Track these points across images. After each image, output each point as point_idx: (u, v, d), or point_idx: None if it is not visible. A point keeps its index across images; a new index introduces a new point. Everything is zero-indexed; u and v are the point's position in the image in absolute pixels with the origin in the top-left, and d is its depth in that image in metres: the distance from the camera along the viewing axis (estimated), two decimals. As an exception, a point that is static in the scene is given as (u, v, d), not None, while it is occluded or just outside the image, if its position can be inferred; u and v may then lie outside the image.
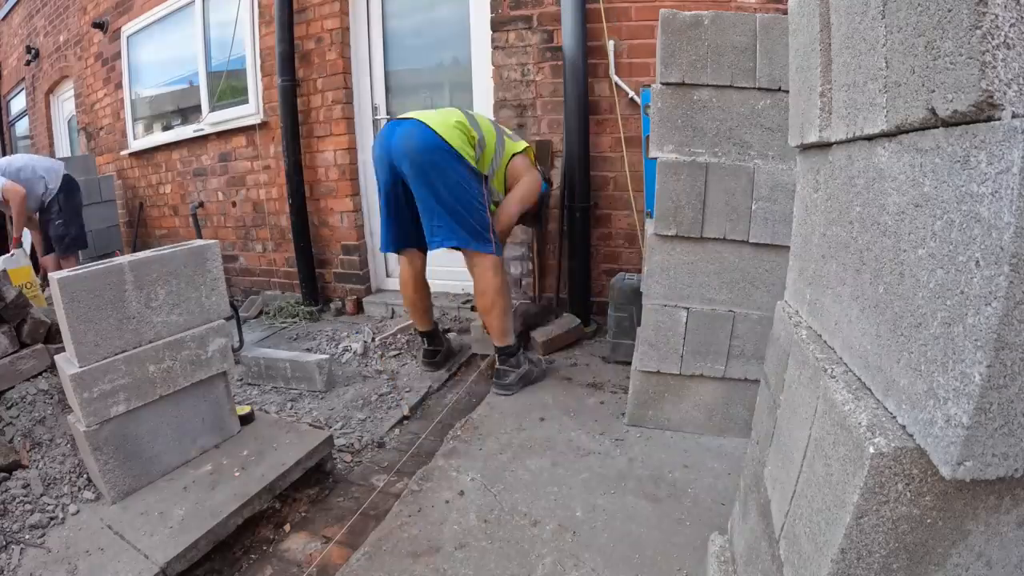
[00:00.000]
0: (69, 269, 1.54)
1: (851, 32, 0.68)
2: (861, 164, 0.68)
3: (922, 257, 0.53)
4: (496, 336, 2.43)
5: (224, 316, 1.84)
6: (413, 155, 2.25)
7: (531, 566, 1.44)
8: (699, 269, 1.90)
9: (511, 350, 2.43)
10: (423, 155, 2.24)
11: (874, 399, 0.63)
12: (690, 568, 1.40)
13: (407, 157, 2.26)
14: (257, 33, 3.80)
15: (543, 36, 3.05)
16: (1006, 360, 0.44)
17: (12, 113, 7.70)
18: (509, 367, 2.43)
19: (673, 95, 1.82)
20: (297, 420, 2.31)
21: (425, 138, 2.24)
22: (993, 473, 0.48)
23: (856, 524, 0.57)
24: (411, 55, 3.63)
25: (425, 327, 2.71)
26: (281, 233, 4.07)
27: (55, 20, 5.71)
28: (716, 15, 1.76)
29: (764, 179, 1.77)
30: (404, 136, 2.28)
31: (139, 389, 1.61)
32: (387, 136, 2.35)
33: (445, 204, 2.26)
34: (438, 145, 2.23)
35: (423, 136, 2.25)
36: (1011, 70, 0.42)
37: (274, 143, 3.88)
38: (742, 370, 1.93)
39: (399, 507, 1.70)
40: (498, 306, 2.37)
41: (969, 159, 0.46)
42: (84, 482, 1.64)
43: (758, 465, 1.03)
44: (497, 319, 2.39)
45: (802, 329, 0.88)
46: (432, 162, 2.24)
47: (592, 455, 1.92)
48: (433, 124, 2.26)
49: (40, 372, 1.81)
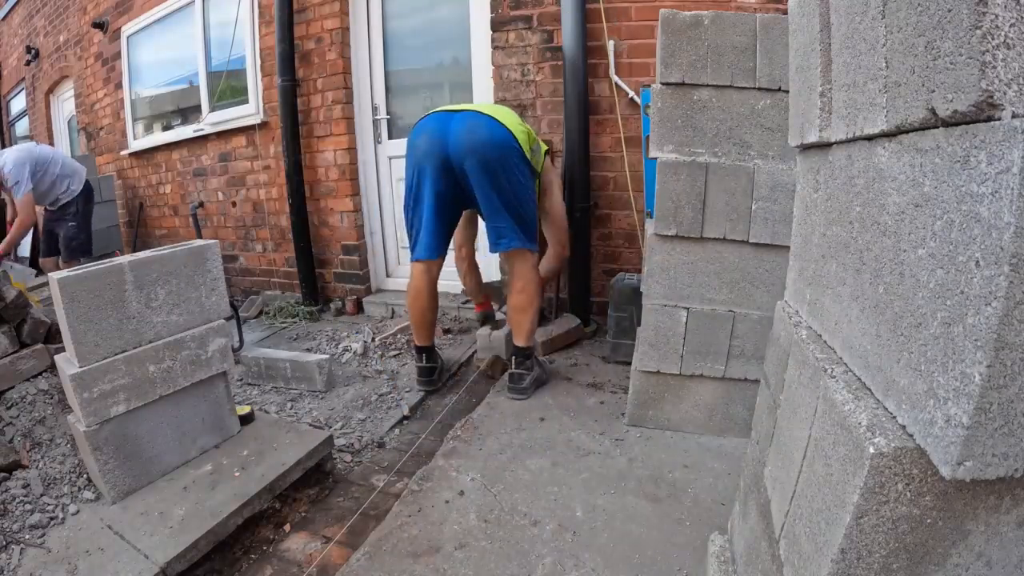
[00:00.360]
0: (69, 269, 1.54)
1: (851, 32, 0.68)
2: (861, 164, 0.68)
3: (922, 257, 0.53)
4: (523, 337, 2.35)
5: (224, 316, 1.84)
6: (483, 151, 2.10)
7: (531, 566, 1.44)
8: (699, 269, 1.90)
9: (529, 352, 2.38)
10: (494, 152, 2.10)
11: (874, 399, 0.63)
12: (690, 568, 1.40)
13: (475, 153, 2.10)
14: (257, 33, 3.80)
15: (543, 36, 3.05)
16: (1006, 360, 0.44)
17: (12, 113, 7.70)
18: (525, 370, 2.37)
19: (673, 95, 1.82)
20: (297, 420, 2.31)
21: (496, 134, 2.12)
22: (993, 473, 0.48)
23: (856, 524, 0.57)
24: (411, 55, 3.63)
25: (427, 342, 2.52)
26: (281, 233, 4.07)
27: (55, 20, 5.71)
28: (716, 15, 1.76)
29: (764, 179, 1.77)
30: (468, 130, 2.12)
31: (139, 389, 1.61)
32: (439, 129, 2.17)
33: (510, 205, 2.17)
34: (509, 142, 2.13)
35: (494, 132, 2.12)
36: (1011, 70, 0.42)
37: (274, 143, 3.88)
38: (742, 370, 1.93)
39: (399, 507, 1.70)
40: (535, 305, 2.32)
41: (969, 159, 0.46)
42: (84, 482, 1.64)
43: (758, 465, 1.03)
44: (530, 319, 2.33)
45: (802, 329, 0.88)
46: (503, 160, 2.12)
47: (592, 455, 1.92)
48: (502, 119, 2.14)
49: (40, 372, 1.81)
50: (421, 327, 2.47)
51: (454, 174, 2.17)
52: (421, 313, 2.43)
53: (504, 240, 2.23)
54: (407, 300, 2.48)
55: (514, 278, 2.32)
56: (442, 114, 2.24)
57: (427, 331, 2.48)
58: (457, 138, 2.12)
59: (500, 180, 2.13)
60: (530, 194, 2.26)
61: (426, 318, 2.45)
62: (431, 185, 2.20)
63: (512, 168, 2.15)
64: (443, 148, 2.15)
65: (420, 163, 2.21)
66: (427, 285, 2.38)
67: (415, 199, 2.28)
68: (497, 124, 2.13)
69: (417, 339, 2.52)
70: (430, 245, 2.31)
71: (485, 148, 2.10)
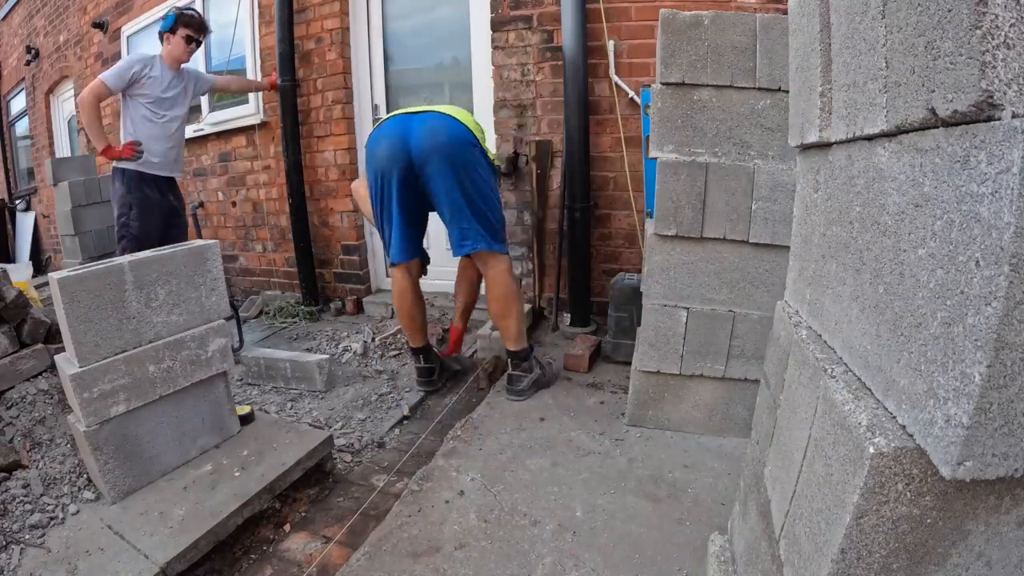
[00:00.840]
0: (69, 269, 1.54)
1: (851, 32, 0.68)
2: (861, 164, 0.68)
3: (922, 257, 0.53)
4: (512, 340, 2.33)
5: (224, 316, 1.84)
6: (443, 151, 2.06)
7: (531, 566, 1.44)
8: (699, 269, 1.90)
9: (524, 354, 2.35)
10: (455, 151, 2.07)
11: (874, 399, 0.63)
12: (690, 568, 1.40)
13: (436, 153, 2.06)
14: (257, 33, 3.80)
15: (543, 36, 3.05)
16: (1006, 360, 0.44)
17: (12, 113, 7.69)
18: (522, 372, 2.34)
19: (673, 95, 1.82)
20: (297, 420, 2.31)
21: (455, 133, 2.08)
22: (993, 473, 0.48)
23: (856, 524, 0.57)
24: (411, 55, 3.63)
25: (420, 343, 2.49)
26: (281, 233, 4.07)
27: (55, 20, 5.71)
28: (716, 15, 1.76)
29: (764, 179, 1.77)
30: (428, 131, 2.07)
31: (139, 389, 1.61)
32: (399, 131, 2.13)
33: (473, 205, 2.13)
34: (468, 140, 2.09)
35: (453, 130, 2.08)
36: (1011, 70, 0.42)
37: (274, 143, 3.88)
38: (742, 370, 1.93)
39: (399, 507, 1.70)
40: (514, 310, 2.28)
41: (969, 159, 0.46)
42: (84, 482, 1.64)
43: (758, 465, 1.03)
44: (514, 323, 2.30)
45: (802, 329, 0.88)
46: (464, 159, 2.08)
47: (592, 455, 1.92)
48: (459, 117, 2.10)
49: (40, 372, 1.81)
50: (412, 328, 2.45)
51: (417, 176, 2.13)
52: (409, 313, 2.42)
53: (469, 242, 2.18)
54: (394, 303, 2.47)
55: (490, 285, 2.29)
56: (400, 117, 2.18)
57: (419, 331, 2.46)
58: (418, 140, 2.08)
59: (463, 179, 2.10)
60: (494, 193, 2.23)
61: (415, 318, 2.43)
62: (397, 189, 2.17)
63: (475, 166, 2.12)
64: (405, 151, 2.10)
65: (383, 169, 2.17)
66: (410, 285, 2.38)
67: (382, 205, 2.24)
68: (454, 121, 2.09)
69: (411, 340, 2.50)
70: (405, 249, 2.29)
71: (446, 148, 2.06)
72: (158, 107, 2.90)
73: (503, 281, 2.26)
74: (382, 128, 2.21)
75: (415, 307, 2.42)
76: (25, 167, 7.73)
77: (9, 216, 7.19)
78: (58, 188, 4.63)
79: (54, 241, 6.25)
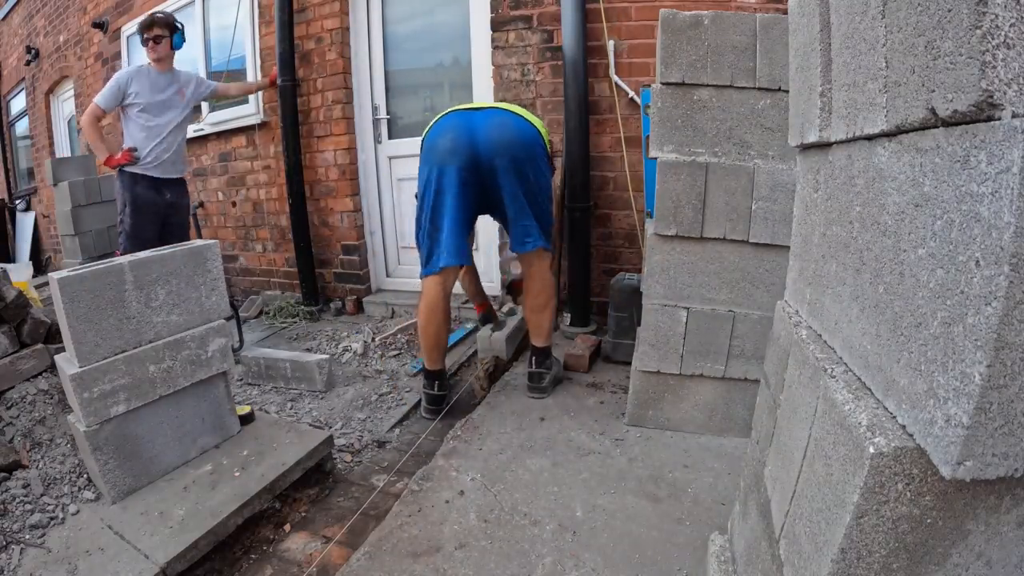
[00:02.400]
0: (69, 269, 1.54)
1: (851, 32, 0.68)
2: (861, 164, 0.68)
3: (922, 257, 0.53)
4: (543, 336, 2.33)
5: (224, 316, 1.85)
6: (513, 149, 2.03)
7: (531, 566, 1.44)
8: (699, 269, 1.90)
9: (548, 352, 2.36)
10: (523, 149, 2.05)
11: (874, 399, 0.63)
12: (690, 568, 1.40)
13: (507, 151, 2.02)
14: (257, 33, 3.80)
15: (543, 36, 3.05)
16: (1006, 360, 0.44)
17: (12, 113, 7.69)
18: (545, 369, 2.35)
19: (673, 95, 1.82)
20: (297, 420, 2.31)
21: (525, 131, 2.08)
22: (993, 473, 0.48)
23: (856, 524, 0.57)
24: (411, 55, 3.63)
25: (439, 365, 2.29)
26: (281, 233, 4.07)
27: (55, 20, 5.71)
28: (716, 15, 1.76)
29: (764, 179, 1.77)
30: (497, 126, 2.05)
31: (139, 389, 1.61)
32: (464, 127, 2.07)
33: (536, 204, 2.13)
34: (537, 139, 2.09)
35: (522, 129, 2.07)
36: (1011, 70, 0.42)
37: (274, 143, 3.88)
38: (742, 370, 1.93)
39: (399, 507, 1.70)
40: (551, 305, 2.31)
41: (969, 159, 0.46)
42: (84, 482, 1.64)
43: (758, 465, 1.03)
44: (548, 319, 2.32)
45: (802, 329, 0.88)
46: (532, 157, 2.08)
47: (592, 455, 1.92)
48: (523, 114, 2.10)
49: (40, 372, 1.81)
50: (435, 348, 2.24)
51: (481, 173, 2.06)
52: (436, 331, 2.21)
53: (531, 240, 2.15)
54: (419, 318, 2.25)
55: (532, 279, 2.26)
56: (461, 112, 2.14)
57: (440, 352, 2.27)
58: (486, 135, 2.04)
59: (529, 178, 2.09)
60: (550, 192, 2.25)
61: (441, 337, 2.24)
62: (456, 185, 2.06)
63: (540, 164, 2.13)
64: (471, 146, 2.04)
65: (443, 163, 2.07)
66: (443, 299, 2.18)
67: (436, 202, 2.09)
68: (523, 120, 2.10)
69: (428, 361, 2.28)
70: (460, 248, 2.14)
71: (515, 145, 2.05)
72: (150, 112, 3.03)
73: (546, 276, 2.28)
74: (442, 123, 2.15)
75: (444, 324, 2.22)
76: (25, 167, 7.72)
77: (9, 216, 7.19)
78: (58, 188, 4.63)
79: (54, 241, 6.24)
